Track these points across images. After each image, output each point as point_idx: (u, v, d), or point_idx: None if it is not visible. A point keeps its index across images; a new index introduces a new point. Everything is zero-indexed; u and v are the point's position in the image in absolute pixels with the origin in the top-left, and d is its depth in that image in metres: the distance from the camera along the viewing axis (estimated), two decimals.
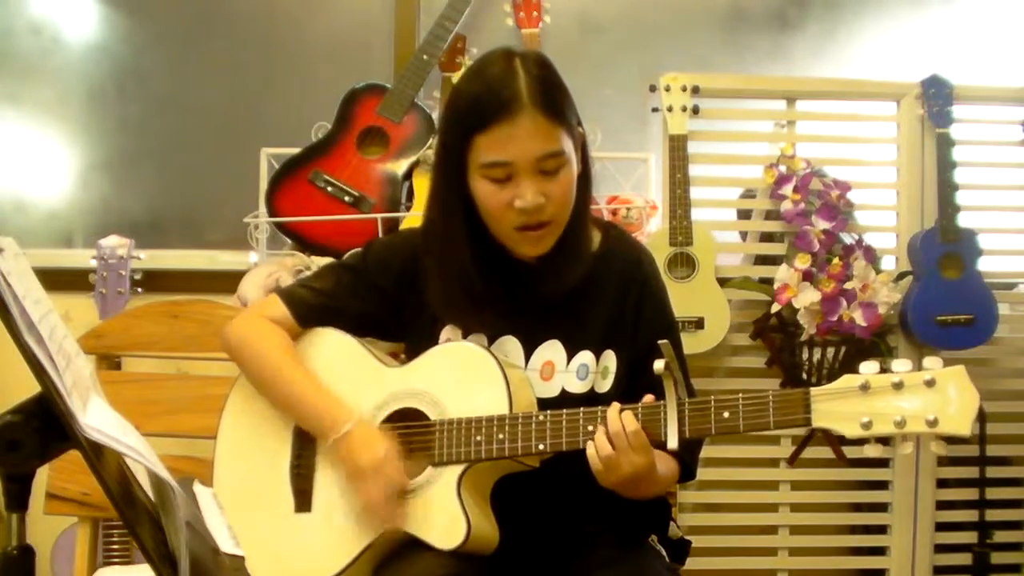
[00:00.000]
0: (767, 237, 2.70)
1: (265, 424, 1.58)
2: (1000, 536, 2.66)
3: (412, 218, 2.48)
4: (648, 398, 1.39)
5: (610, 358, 1.54)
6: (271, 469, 1.56)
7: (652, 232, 2.62)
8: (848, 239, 2.62)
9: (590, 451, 1.38)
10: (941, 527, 2.69)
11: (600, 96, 2.89)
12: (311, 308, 1.59)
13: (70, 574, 2.02)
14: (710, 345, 2.55)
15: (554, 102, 1.44)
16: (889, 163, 2.73)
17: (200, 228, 2.89)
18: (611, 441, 1.36)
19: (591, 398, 1.51)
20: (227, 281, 2.51)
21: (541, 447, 1.42)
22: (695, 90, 2.61)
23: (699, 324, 2.54)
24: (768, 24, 2.97)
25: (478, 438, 1.43)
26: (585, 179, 1.54)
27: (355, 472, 1.45)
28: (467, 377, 1.47)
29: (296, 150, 2.60)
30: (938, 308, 2.55)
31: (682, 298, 2.47)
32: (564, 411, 1.42)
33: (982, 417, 2.58)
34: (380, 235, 2.46)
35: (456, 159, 1.47)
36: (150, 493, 0.95)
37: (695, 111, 2.61)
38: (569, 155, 1.46)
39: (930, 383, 1.27)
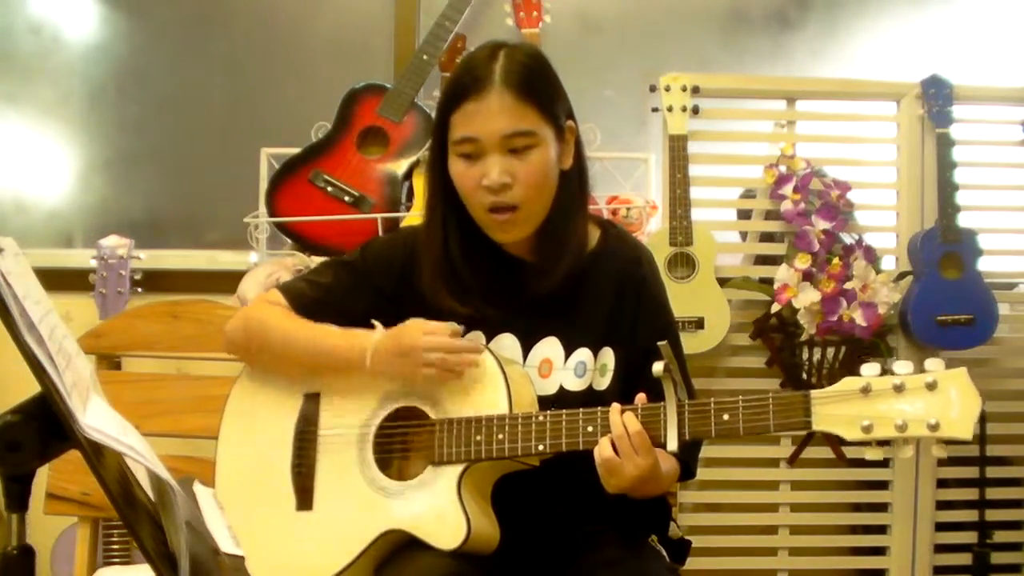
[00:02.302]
0: (767, 237, 2.70)
1: (266, 423, 1.59)
2: (1000, 536, 2.66)
3: (412, 218, 2.48)
4: (640, 397, 1.39)
5: (608, 356, 1.54)
6: (273, 468, 1.56)
7: (652, 232, 2.62)
8: (848, 239, 2.62)
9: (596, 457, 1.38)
10: (941, 527, 2.68)
11: (600, 96, 2.89)
12: (310, 301, 1.59)
13: (70, 574, 2.02)
14: (710, 345, 2.55)
15: (528, 85, 1.46)
16: (889, 163, 2.73)
17: (200, 228, 2.89)
18: (614, 445, 1.36)
19: (589, 395, 1.51)
20: (227, 281, 2.51)
21: (541, 447, 1.42)
22: (695, 90, 2.61)
23: (699, 324, 2.54)
24: (768, 24, 2.97)
25: (478, 438, 1.43)
26: (579, 175, 1.55)
27: (407, 351, 1.46)
28: (467, 377, 1.47)
29: (296, 150, 2.60)
30: (938, 308, 2.55)
31: (682, 298, 2.47)
32: (564, 412, 1.42)
33: (982, 417, 2.54)
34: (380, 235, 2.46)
35: (440, 142, 1.51)
36: (150, 493, 0.95)
37: (695, 111, 2.61)
38: (543, 139, 1.47)
39: (931, 386, 1.26)
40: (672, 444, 1.35)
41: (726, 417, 1.35)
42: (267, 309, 1.59)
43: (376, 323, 1.52)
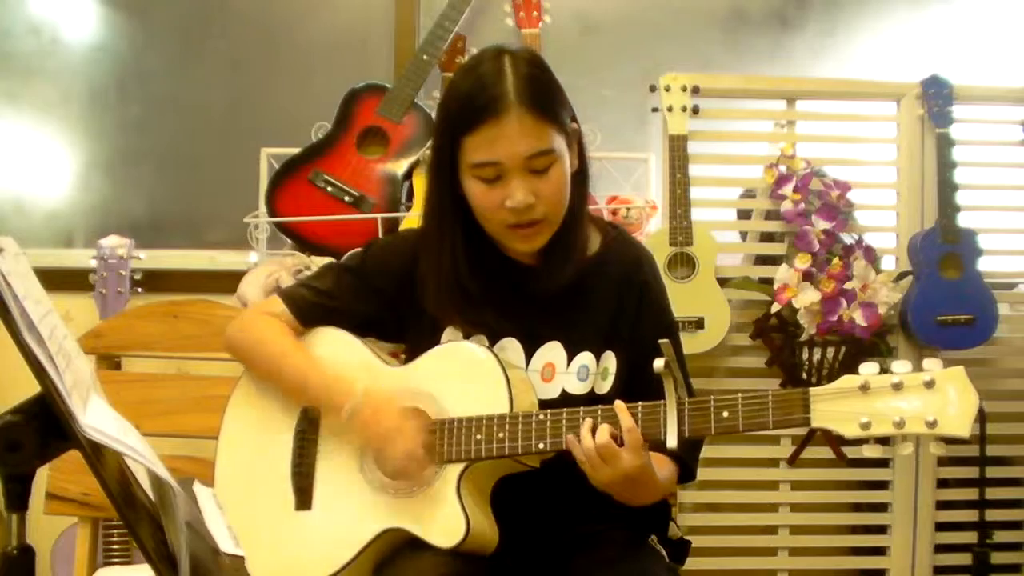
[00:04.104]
0: (767, 237, 2.70)
1: (266, 423, 1.59)
2: (1000, 536, 2.65)
3: (412, 218, 2.48)
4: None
5: (610, 359, 1.54)
6: (272, 467, 1.56)
7: (652, 232, 2.62)
8: (848, 239, 2.62)
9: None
10: (941, 527, 2.68)
11: (600, 96, 2.89)
12: (312, 307, 1.60)
13: (70, 574, 2.02)
14: (710, 345, 2.55)
15: (542, 100, 1.44)
16: (889, 163, 2.73)
17: (200, 228, 2.89)
18: (585, 456, 1.37)
19: (591, 399, 1.51)
20: (227, 281, 2.52)
21: (541, 446, 1.42)
22: (695, 90, 2.61)
23: (699, 324, 2.54)
24: (768, 24, 2.97)
25: (478, 437, 1.43)
26: (582, 177, 1.54)
27: (379, 438, 1.45)
28: (468, 377, 1.47)
29: (296, 150, 2.60)
30: (938, 308, 2.55)
31: (682, 298, 2.47)
32: (564, 410, 1.42)
33: (982, 417, 2.58)
34: (380, 235, 2.46)
35: (448, 159, 1.48)
36: (150, 493, 0.95)
37: (695, 111, 2.61)
38: (560, 153, 1.46)
39: (929, 384, 1.26)
40: (672, 441, 1.36)
41: (726, 414, 1.35)
42: (265, 326, 1.58)
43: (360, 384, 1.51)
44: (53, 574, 2.45)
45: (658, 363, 1.33)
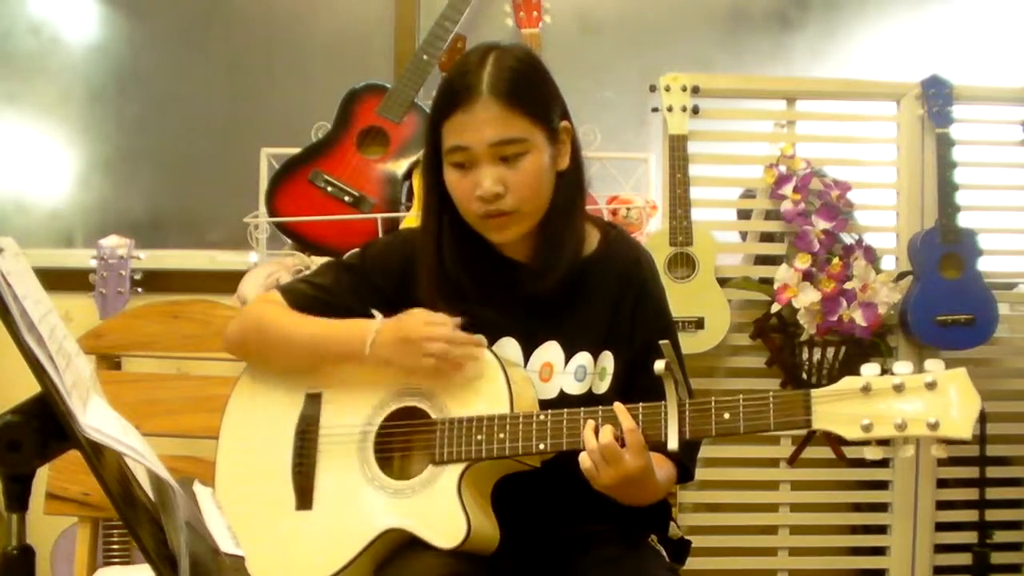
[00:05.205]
0: (767, 237, 2.70)
1: (267, 422, 1.59)
2: (1000, 536, 2.66)
3: (412, 218, 2.48)
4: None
5: (608, 359, 1.54)
6: (273, 467, 1.56)
7: (652, 232, 2.62)
8: (848, 239, 2.62)
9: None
10: (941, 527, 2.68)
11: (600, 96, 2.89)
12: (310, 302, 1.60)
13: (70, 574, 2.02)
14: (710, 345, 2.55)
15: (516, 91, 1.45)
16: (889, 163, 2.73)
17: (200, 228, 2.89)
18: (590, 457, 1.37)
19: (589, 399, 1.51)
20: (227, 281, 2.52)
21: (542, 446, 1.42)
22: (695, 90, 2.61)
23: (699, 324, 2.54)
24: (768, 24, 2.97)
25: (479, 437, 1.43)
26: (575, 175, 1.55)
27: (408, 340, 1.46)
28: (469, 376, 1.47)
29: (296, 150, 2.61)
30: (938, 308, 2.55)
31: (682, 298, 2.47)
32: (565, 411, 1.42)
33: (982, 417, 2.56)
34: (380, 235, 2.46)
35: (433, 150, 1.51)
36: (150, 493, 0.95)
37: (695, 111, 2.61)
38: (535, 145, 1.47)
39: (931, 385, 1.26)
40: (672, 443, 1.36)
41: (727, 416, 1.35)
42: (265, 306, 1.60)
43: (376, 312, 1.52)
44: (53, 574, 2.44)
45: (659, 364, 1.33)
